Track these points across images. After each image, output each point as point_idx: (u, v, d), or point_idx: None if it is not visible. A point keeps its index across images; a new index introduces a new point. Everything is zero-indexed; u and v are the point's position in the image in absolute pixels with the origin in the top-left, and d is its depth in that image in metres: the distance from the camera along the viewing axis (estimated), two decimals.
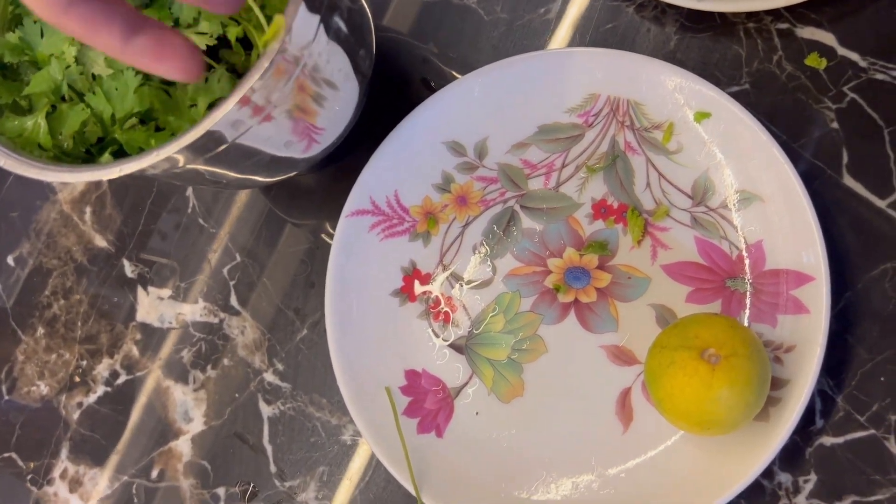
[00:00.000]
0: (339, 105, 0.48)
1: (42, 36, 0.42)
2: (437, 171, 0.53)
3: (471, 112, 0.52)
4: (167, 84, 0.43)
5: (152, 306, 0.58)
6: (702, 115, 0.48)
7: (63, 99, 0.43)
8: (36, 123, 0.41)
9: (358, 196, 0.52)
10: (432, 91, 0.54)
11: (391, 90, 0.56)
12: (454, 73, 0.55)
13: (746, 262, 0.47)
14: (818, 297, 0.44)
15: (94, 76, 0.43)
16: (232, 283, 0.57)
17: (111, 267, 0.60)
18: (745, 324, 0.46)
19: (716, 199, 0.48)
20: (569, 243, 0.50)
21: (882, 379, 0.45)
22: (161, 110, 0.41)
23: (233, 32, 0.43)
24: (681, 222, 0.49)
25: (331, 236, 0.54)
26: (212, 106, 0.42)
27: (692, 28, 0.51)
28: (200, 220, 0.58)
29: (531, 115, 0.52)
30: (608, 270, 0.50)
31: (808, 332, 0.44)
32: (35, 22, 0.43)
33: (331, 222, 0.56)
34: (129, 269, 0.59)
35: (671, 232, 0.49)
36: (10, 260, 0.62)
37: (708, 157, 0.48)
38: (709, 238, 0.48)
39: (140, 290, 0.59)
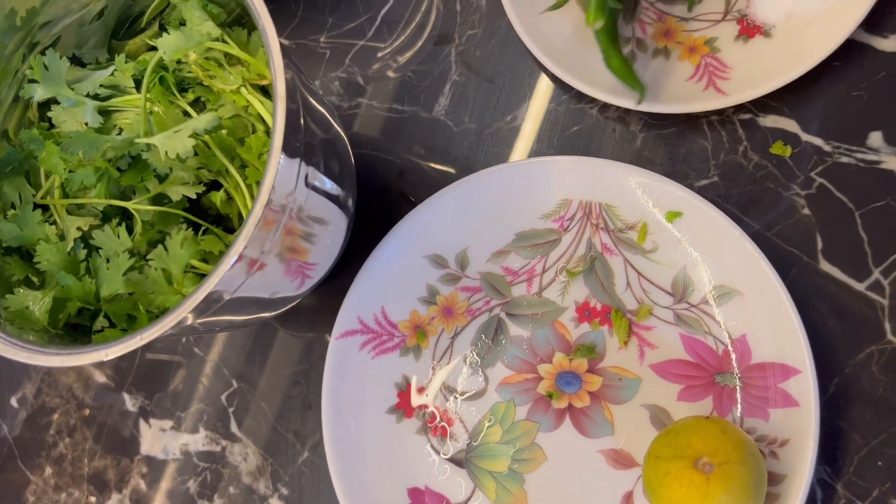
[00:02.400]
0: (329, 237, 0.49)
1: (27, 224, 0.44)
2: (422, 285, 0.54)
3: (449, 225, 0.53)
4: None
5: (155, 438, 0.59)
6: (673, 215, 0.48)
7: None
8: (43, 301, 0.42)
9: (346, 317, 0.53)
10: (411, 204, 0.55)
11: (371, 206, 0.57)
12: (431, 185, 0.56)
13: (733, 356, 0.47)
14: (806, 389, 0.44)
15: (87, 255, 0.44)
16: (230, 409, 0.58)
17: (112, 401, 0.61)
18: (738, 419, 0.47)
19: (696, 295, 0.49)
20: (557, 348, 0.51)
21: (879, 463, 0.45)
22: (141, 293, 0.43)
23: (217, 196, 0.44)
24: (665, 320, 0.49)
25: (322, 355, 0.54)
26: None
27: (656, 125, 0.52)
28: (195, 349, 0.59)
29: (508, 222, 0.52)
30: (599, 373, 0.50)
31: (800, 425, 0.44)
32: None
33: (321, 339, 0.56)
34: (129, 403, 0.60)
35: (656, 330, 0.49)
36: (13, 401, 0.63)
37: (684, 255, 0.49)
38: (693, 335, 0.48)
39: (142, 422, 0.60)
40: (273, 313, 0.51)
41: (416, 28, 0.58)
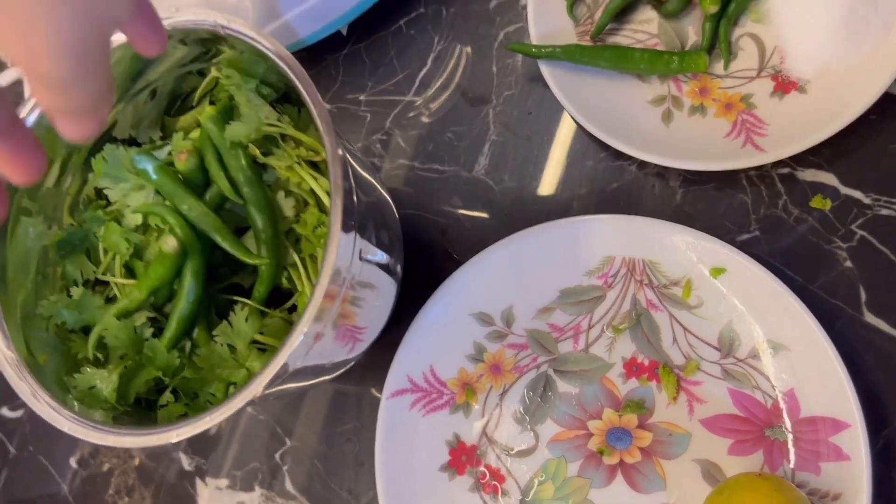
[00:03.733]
0: (379, 301, 0.50)
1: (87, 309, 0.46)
2: (469, 342, 0.55)
3: (493, 283, 0.54)
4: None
5: (212, 497, 0.60)
6: (717, 271, 0.49)
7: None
8: (109, 380, 0.43)
9: (396, 377, 0.54)
10: (454, 261, 0.56)
11: (416, 264, 0.58)
12: (473, 242, 0.57)
13: (782, 410, 0.48)
14: (856, 442, 0.45)
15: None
16: (284, 467, 0.59)
17: (169, 461, 0.62)
18: (790, 473, 0.47)
19: (743, 349, 0.49)
20: (606, 404, 0.52)
21: None
22: (208, 368, 0.44)
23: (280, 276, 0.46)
24: (712, 375, 0.50)
25: (372, 411, 0.56)
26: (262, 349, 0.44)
27: (695, 181, 0.53)
28: (248, 408, 0.60)
29: (552, 280, 0.54)
30: (648, 429, 0.51)
31: (852, 479, 0.45)
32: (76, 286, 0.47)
33: (370, 395, 0.58)
34: (185, 462, 0.62)
35: (704, 385, 0.50)
36: (72, 461, 0.65)
37: (729, 310, 0.50)
38: (742, 389, 0.49)
39: (199, 481, 0.61)
40: (326, 378, 0.52)
41: (455, 90, 0.60)
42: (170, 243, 0.44)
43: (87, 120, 0.29)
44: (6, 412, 0.69)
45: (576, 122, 0.55)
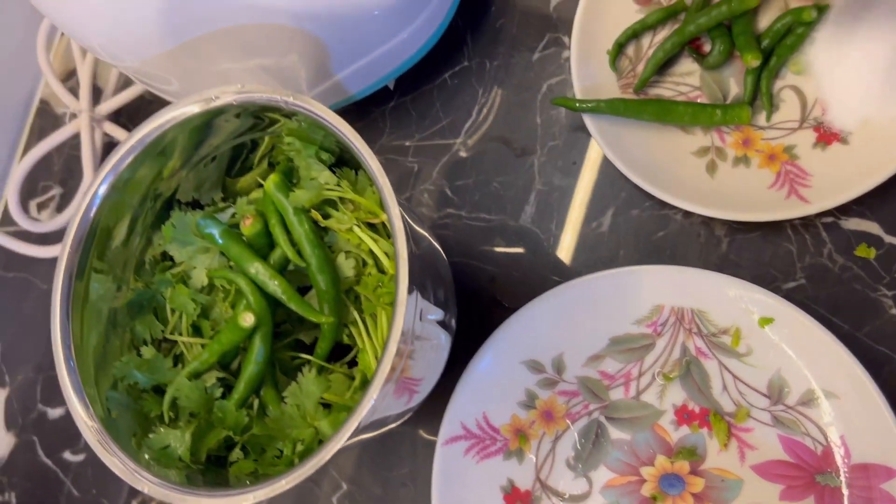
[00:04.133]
0: (434, 353, 0.52)
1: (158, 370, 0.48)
2: (521, 389, 0.56)
3: (544, 331, 0.56)
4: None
5: None
6: (765, 321, 0.51)
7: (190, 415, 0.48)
8: (183, 439, 0.45)
9: (449, 424, 0.56)
10: (504, 309, 0.58)
11: (466, 313, 0.60)
12: (522, 290, 0.59)
13: (832, 457, 0.49)
14: None
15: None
16: None
17: None
18: None
19: (792, 397, 0.50)
20: (658, 451, 0.53)
21: None
22: (277, 429, 0.46)
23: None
24: (762, 422, 0.51)
25: (426, 455, 0.57)
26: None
27: (741, 230, 0.54)
28: None
29: (602, 328, 0.55)
30: (701, 475, 0.52)
31: None
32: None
33: (423, 439, 0.59)
34: None
35: (755, 432, 0.51)
36: None
37: (778, 358, 0.51)
38: (792, 435, 0.50)
39: None
40: (385, 429, 0.54)
41: (499, 141, 0.62)
42: (248, 320, 0.46)
43: None
44: (69, 456, 0.71)
45: (619, 171, 0.56)
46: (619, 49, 0.58)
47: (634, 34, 0.58)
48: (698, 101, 0.57)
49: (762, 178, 0.53)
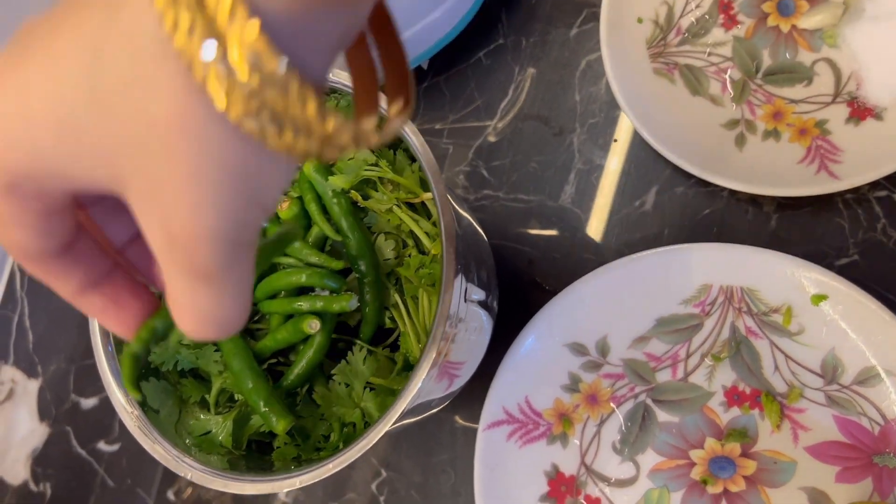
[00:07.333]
0: (477, 335, 0.51)
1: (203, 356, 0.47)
2: (564, 373, 0.55)
3: (587, 313, 0.54)
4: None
5: None
6: (819, 298, 0.49)
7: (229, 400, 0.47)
8: (224, 426, 0.45)
9: (491, 408, 0.55)
10: (544, 291, 0.56)
11: (505, 295, 0.58)
12: (562, 272, 0.58)
13: (892, 437, 0.48)
14: None
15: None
16: (381, 497, 0.60)
17: (265, 496, 0.63)
18: None
19: (847, 376, 0.49)
20: (708, 433, 0.52)
21: None
22: (325, 407, 0.45)
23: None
24: (816, 402, 0.50)
25: (466, 442, 0.56)
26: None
27: (790, 205, 0.53)
28: None
29: (648, 309, 0.54)
30: (752, 457, 0.51)
31: None
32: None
33: (463, 426, 0.58)
34: (282, 493, 0.63)
35: (808, 413, 0.50)
36: (170, 494, 0.67)
37: (832, 336, 0.49)
38: (847, 416, 0.49)
39: None
40: (426, 414, 0.53)
41: (537, 119, 0.60)
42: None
43: (221, 322, 0.23)
44: (103, 446, 0.70)
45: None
46: None
47: None
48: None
49: (793, 153, 0.52)
